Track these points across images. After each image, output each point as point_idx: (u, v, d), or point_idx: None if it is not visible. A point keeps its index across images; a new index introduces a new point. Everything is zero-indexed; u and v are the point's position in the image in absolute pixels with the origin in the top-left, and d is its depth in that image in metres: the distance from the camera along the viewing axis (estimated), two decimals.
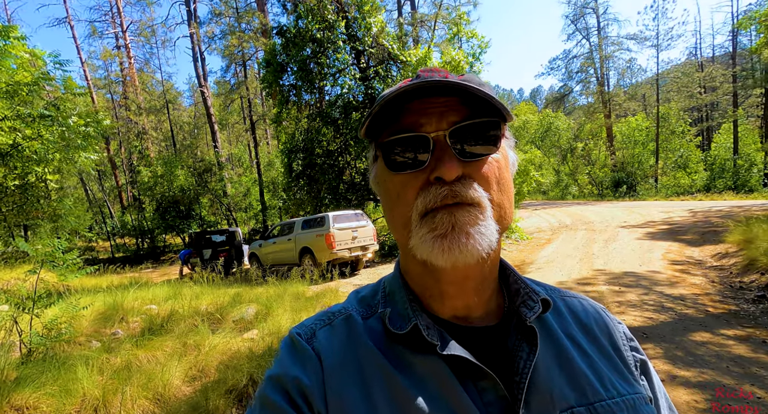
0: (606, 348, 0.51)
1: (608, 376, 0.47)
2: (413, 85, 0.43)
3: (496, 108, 0.45)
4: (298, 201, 12.02)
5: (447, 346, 0.43)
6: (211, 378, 3.03)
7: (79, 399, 2.54)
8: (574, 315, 0.54)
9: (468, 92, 0.44)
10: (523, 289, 0.50)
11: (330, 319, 0.51)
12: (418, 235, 0.44)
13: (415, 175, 0.45)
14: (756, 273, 5.28)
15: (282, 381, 0.45)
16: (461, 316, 0.49)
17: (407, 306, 0.48)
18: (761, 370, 2.85)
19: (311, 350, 0.47)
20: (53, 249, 3.58)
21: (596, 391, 0.45)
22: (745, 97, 27.17)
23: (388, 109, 0.46)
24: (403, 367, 0.44)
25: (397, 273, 0.53)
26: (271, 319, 4.45)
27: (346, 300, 0.55)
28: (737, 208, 11.52)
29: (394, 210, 0.47)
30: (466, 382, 0.42)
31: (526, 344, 0.45)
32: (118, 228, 21.82)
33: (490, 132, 0.46)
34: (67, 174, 8.20)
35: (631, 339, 0.54)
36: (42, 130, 4.64)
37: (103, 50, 26.23)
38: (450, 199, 0.42)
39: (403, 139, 0.45)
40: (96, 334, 4.22)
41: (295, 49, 10.75)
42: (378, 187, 0.52)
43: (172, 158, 18.69)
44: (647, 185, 24.27)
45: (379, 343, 0.46)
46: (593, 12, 28.09)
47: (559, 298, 0.56)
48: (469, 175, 0.44)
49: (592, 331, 0.52)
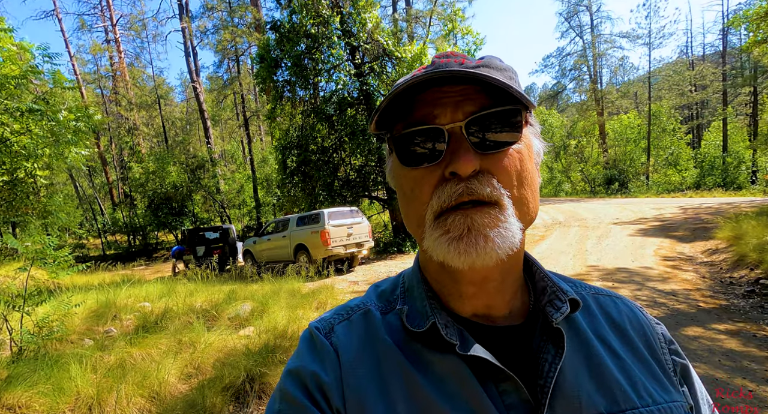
0: (641, 351, 0.48)
1: (642, 382, 0.44)
2: (424, 76, 0.40)
3: (514, 95, 0.42)
4: (292, 198, 11.95)
5: (467, 346, 0.42)
6: (207, 375, 3.01)
7: (72, 397, 2.50)
8: (607, 315, 0.51)
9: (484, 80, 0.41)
10: (550, 287, 0.48)
11: (348, 314, 0.50)
12: (432, 236, 0.42)
13: (430, 169, 0.43)
14: (745, 268, 5.37)
15: (301, 375, 0.44)
16: (482, 314, 0.47)
17: (426, 303, 0.46)
18: (752, 364, 2.90)
19: (329, 345, 0.46)
20: (44, 246, 3.51)
21: (628, 397, 0.42)
22: (734, 96, 27.55)
23: (400, 100, 0.44)
24: (422, 366, 0.43)
25: (417, 268, 0.51)
26: (267, 316, 4.43)
27: (366, 294, 0.54)
28: (726, 205, 11.71)
29: (409, 207, 0.45)
30: (487, 383, 0.41)
31: (551, 346, 0.43)
32: (109, 225, 21.55)
33: (510, 120, 0.43)
34: (56, 170, 8.05)
35: (671, 342, 0.51)
36: (31, 125, 4.54)
37: (92, 44, 25.73)
38: (466, 197, 0.40)
39: (416, 132, 0.43)
40: (89, 332, 4.16)
41: (289, 44, 10.64)
42: (393, 181, 0.50)
43: (164, 154, 18.47)
44: (639, 182, 24.57)
45: (397, 339, 0.45)
46: (587, 10, 28.24)
47: (591, 295, 0.53)
48: (487, 169, 0.41)
49: (626, 333, 0.49)
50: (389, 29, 11.67)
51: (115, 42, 24.72)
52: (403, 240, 11.01)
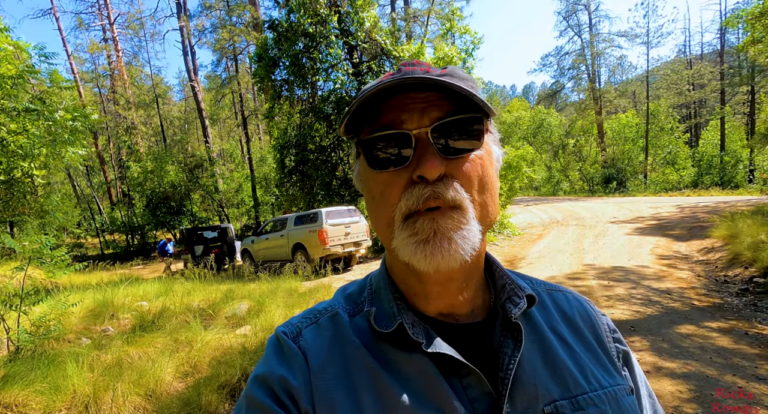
0: (589, 340, 0.51)
1: (591, 369, 0.47)
2: (392, 82, 0.42)
3: (477, 103, 0.45)
4: (290, 197, 11.95)
5: (432, 343, 0.43)
6: (203, 374, 3.03)
7: (69, 396, 2.52)
8: (559, 309, 0.54)
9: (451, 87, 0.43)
10: (509, 284, 0.50)
11: (316, 318, 0.50)
12: (400, 237, 0.43)
13: (397, 173, 0.44)
14: (740, 267, 5.41)
15: (268, 380, 0.44)
16: (447, 313, 0.48)
17: (393, 304, 0.47)
18: (743, 361, 2.94)
19: (297, 349, 0.46)
20: (41, 245, 3.52)
21: (579, 384, 0.45)
22: (732, 95, 27.59)
23: (368, 105, 0.45)
24: (389, 366, 0.44)
25: (383, 270, 0.53)
26: (263, 315, 4.45)
27: (333, 297, 0.55)
28: (723, 204, 11.76)
29: (378, 209, 0.46)
30: (452, 379, 0.43)
31: (511, 340, 0.45)
32: (107, 224, 21.52)
33: (473, 127, 0.45)
34: (54, 169, 8.03)
35: (614, 331, 0.54)
36: (28, 125, 4.54)
37: (90, 43, 25.65)
38: (432, 202, 0.42)
39: (384, 136, 0.44)
40: (86, 331, 4.18)
41: (287, 43, 10.64)
42: (361, 184, 0.51)
43: (163, 153, 18.44)
44: (637, 181, 24.62)
45: (365, 341, 0.46)
46: (585, 9, 28.25)
47: (545, 291, 0.56)
48: (451, 174, 0.43)
49: (576, 324, 0.52)
50: (387, 28, 11.67)
51: (112, 41, 24.64)
52: None
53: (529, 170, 12.39)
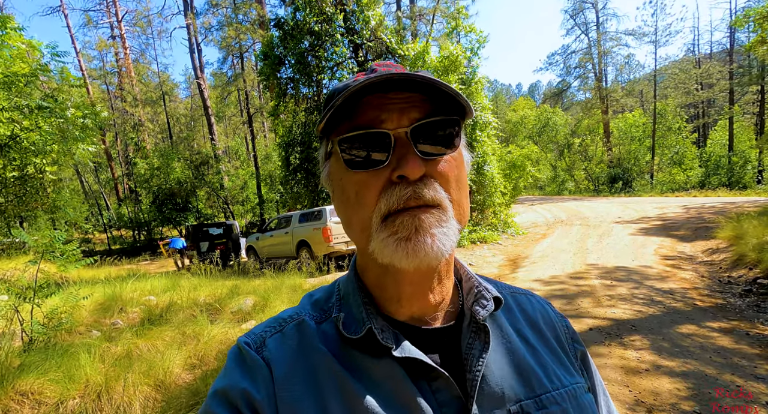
0: (551, 341, 0.53)
1: (553, 369, 0.49)
2: (379, 77, 0.40)
3: (457, 105, 0.45)
4: (295, 194, 12.04)
5: (401, 348, 0.43)
6: (210, 366, 3.11)
7: (82, 385, 2.61)
8: (523, 311, 0.55)
9: (431, 88, 0.42)
10: (477, 286, 0.51)
11: (281, 326, 0.49)
12: (379, 238, 0.42)
13: (375, 173, 0.43)
14: (744, 268, 5.40)
15: (229, 395, 0.42)
16: (418, 316, 0.48)
17: (362, 309, 0.47)
18: (742, 361, 2.96)
19: (261, 360, 0.44)
20: (53, 240, 3.62)
21: (542, 383, 0.46)
22: (741, 94, 27.28)
23: (346, 103, 0.43)
24: (358, 372, 0.43)
25: (353, 275, 0.51)
26: (269, 310, 4.53)
27: (299, 304, 0.53)
28: (730, 205, 11.67)
29: (352, 211, 0.45)
30: (421, 383, 0.42)
31: (479, 342, 0.46)
32: (114, 220, 21.80)
33: (450, 130, 0.45)
34: (63, 166, 8.17)
35: (573, 332, 0.57)
36: (40, 122, 4.64)
37: (98, 40, 25.96)
38: (413, 201, 0.41)
39: (362, 135, 0.43)
40: (96, 324, 4.28)
41: (293, 41, 10.70)
42: (332, 185, 0.50)
43: (169, 150, 18.62)
44: (643, 181, 24.45)
45: (333, 348, 0.45)
46: (592, 7, 28.02)
47: (510, 294, 0.57)
48: (430, 174, 0.43)
49: (538, 326, 0.54)
50: (392, 27, 11.68)
51: (120, 38, 24.88)
52: None
53: (533, 169, 12.39)
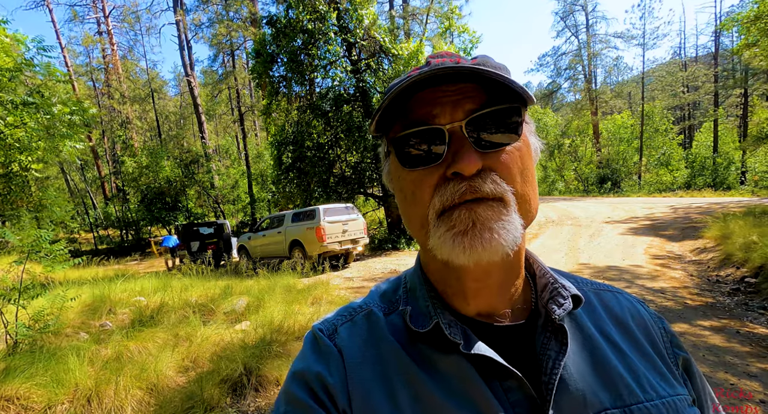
0: (644, 345, 0.47)
1: (646, 376, 0.44)
2: (423, 74, 0.39)
3: (514, 92, 0.42)
4: (287, 194, 11.94)
5: (471, 345, 0.41)
6: (204, 368, 3.04)
7: (71, 389, 2.53)
8: (609, 310, 0.51)
9: (484, 77, 0.40)
10: (552, 283, 0.48)
11: (351, 315, 0.50)
12: (436, 234, 0.41)
13: (430, 170, 0.42)
14: (731, 267, 5.51)
15: (306, 377, 0.44)
16: (486, 313, 0.46)
17: (428, 303, 0.46)
18: (734, 359, 3.01)
19: (333, 347, 0.46)
20: (39, 239, 3.51)
21: (633, 392, 0.42)
22: (725, 97, 27.93)
23: (397, 101, 0.43)
24: (426, 366, 0.42)
25: (418, 268, 0.51)
26: (262, 310, 4.46)
27: (368, 295, 0.54)
28: (715, 205, 11.92)
29: (410, 209, 0.44)
30: (492, 381, 0.41)
31: (555, 342, 0.43)
32: (101, 219, 21.37)
33: (511, 119, 0.42)
34: (49, 163, 7.96)
35: (672, 335, 0.50)
36: (26, 118, 4.51)
37: (84, 36, 25.37)
38: (469, 195, 0.40)
39: (415, 132, 0.42)
40: (84, 326, 4.17)
41: (286, 39, 10.60)
42: (392, 184, 0.49)
43: (158, 149, 18.32)
44: (631, 182, 24.86)
45: (401, 340, 0.45)
46: (582, 9, 28.36)
47: (592, 291, 0.53)
48: (489, 167, 0.41)
49: (628, 328, 0.49)
50: (386, 26, 11.66)
51: (107, 34, 24.37)
52: (398, 237, 11.07)
53: None
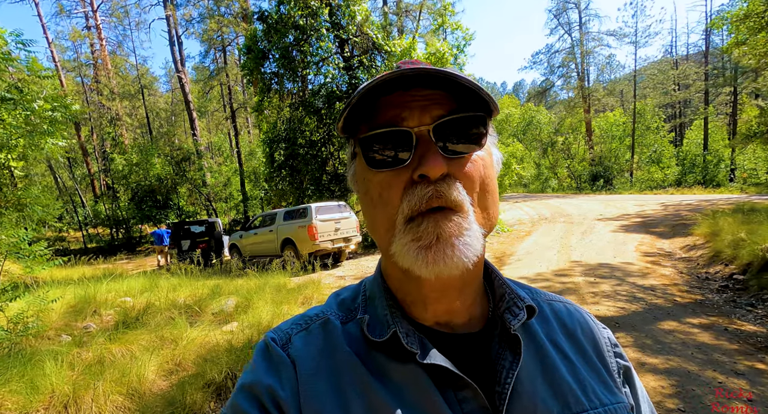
0: (590, 355, 0.50)
1: (591, 385, 0.46)
2: (396, 73, 0.40)
3: (482, 101, 0.43)
4: (280, 192, 11.84)
5: (427, 354, 0.42)
6: (188, 372, 2.98)
7: (47, 395, 2.45)
8: (560, 320, 0.53)
9: (454, 84, 0.41)
10: (508, 294, 0.49)
11: (307, 324, 0.49)
12: (401, 241, 0.41)
13: (397, 172, 0.42)
14: (720, 264, 5.55)
15: (255, 390, 0.42)
16: (443, 322, 0.47)
17: (387, 312, 0.46)
18: (723, 357, 3.01)
19: (286, 357, 0.45)
20: (18, 239, 3.41)
21: (579, 400, 0.44)
22: (715, 95, 28.23)
23: (366, 101, 0.43)
24: (382, 376, 0.42)
25: (378, 276, 0.51)
26: (251, 311, 4.40)
27: (326, 303, 0.53)
28: (705, 202, 12.06)
29: (376, 211, 0.44)
30: (447, 391, 0.41)
31: (509, 352, 0.44)
32: (90, 218, 21.02)
33: (476, 128, 0.43)
34: (34, 161, 7.79)
35: (615, 345, 0.53)
36: (3, 114, 4.38)
37: (71, 30, 24.84)
38: (435, 201, 0.40)
39: (383, 134, 0.42)
40: (66, 328, 4.07)
41: (277, 35, 10.46)
42: (357, 185, 0.49)
43: (148, 146, 18.06)
44: (623, 179, 25.08)
45: (358, 349, 0.45)
46: (575, 7, 28.43)
47: (545, 302, 0.55)
48: (452, 174, 0.42)
49: (576, 338, 0.51)
50: (379, 22, 11.56)
51: (96, 29, 23.89)
52: None
53: (518, 167, 12.50)
